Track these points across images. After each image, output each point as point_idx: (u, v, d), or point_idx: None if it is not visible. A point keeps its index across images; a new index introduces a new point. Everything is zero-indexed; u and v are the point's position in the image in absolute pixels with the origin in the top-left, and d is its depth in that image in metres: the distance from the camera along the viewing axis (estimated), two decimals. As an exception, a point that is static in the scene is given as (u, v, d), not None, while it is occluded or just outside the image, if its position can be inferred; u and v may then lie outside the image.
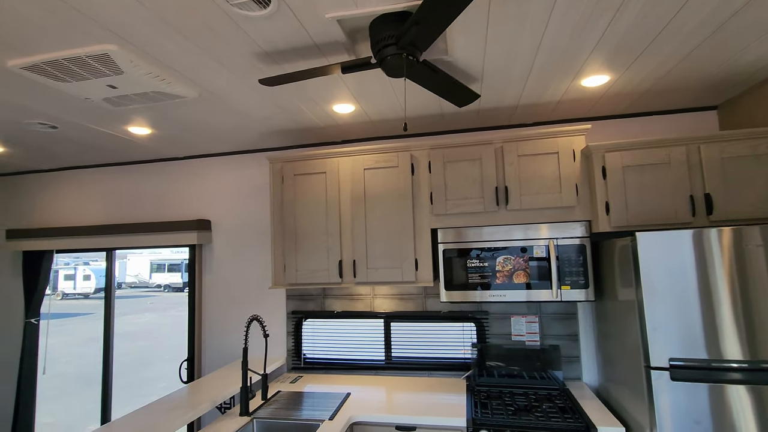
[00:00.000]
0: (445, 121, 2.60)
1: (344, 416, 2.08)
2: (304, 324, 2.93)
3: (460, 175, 2.33)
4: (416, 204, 2.41)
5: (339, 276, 2.46)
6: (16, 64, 1.64)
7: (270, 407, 2.23)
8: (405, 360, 2.75)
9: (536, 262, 2.19)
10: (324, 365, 2.86)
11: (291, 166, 2.58)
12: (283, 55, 1.69)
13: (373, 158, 2.46)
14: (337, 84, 2.01)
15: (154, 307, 16.92)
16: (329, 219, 2.49)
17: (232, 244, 3.10)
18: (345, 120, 2.52)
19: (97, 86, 1.87)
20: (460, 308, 2.66)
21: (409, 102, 2.27)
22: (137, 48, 1.58)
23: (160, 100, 2.05)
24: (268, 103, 2.19)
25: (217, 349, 3.06)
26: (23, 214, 3.58)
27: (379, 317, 2.80)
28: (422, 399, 2.25)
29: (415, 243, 2.38)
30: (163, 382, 7.41)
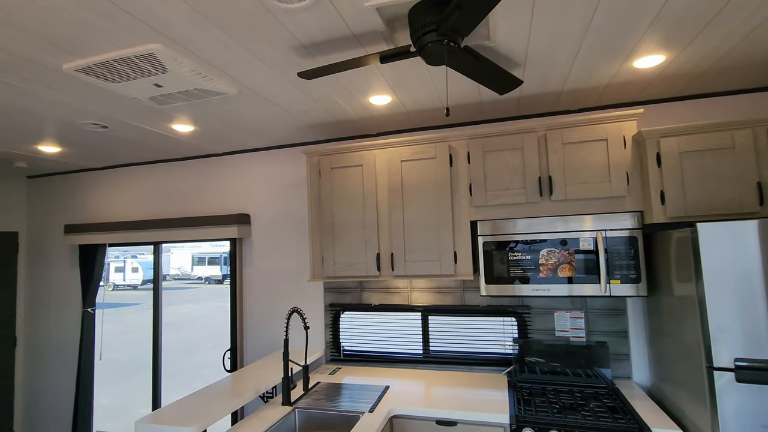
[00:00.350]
0: (484, 109, 2.52)
1: (384, 409, 2.08)
2: (341, 316, 2.95)
3: (501, 165, 2.25)
4: (455, 196, 2.36)
5: (377, 269, 2.45)
6: (71, 67, 1.72)
7: (310, 398, 2.27)
8: (443, 354, 2.72)
9: (583, 255, 2.09)
10: (362, 357, 2.87)
11: (327, 159, 2.58)
12: (321, 48, 1.68)
13: (410, 150, 2.42)
14: (373, 75, 1.98)
15: (196, 298, 17.69)
16: (366, 212, 2.49)
17: (271, 237, 3.16)
18: (381, 112, 2.49)
19: (144, 85, 1.93)
20: (500, 302, 2.60)
21: (444, 89, 2.21)
22: (181, 46, 1.61)
23: (201, 97, 2.10)
24: (304, 97, 2.20)
25: (258, 339, 3.14)
26: (78, 210, 3.80)
27: (416, 311, 2.77)
28: (462, 394, 2.22)
29: (453, 235, 2.33)
30: (206, 369, 7.75)
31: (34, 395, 3.82)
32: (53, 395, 3.74)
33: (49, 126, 2.51)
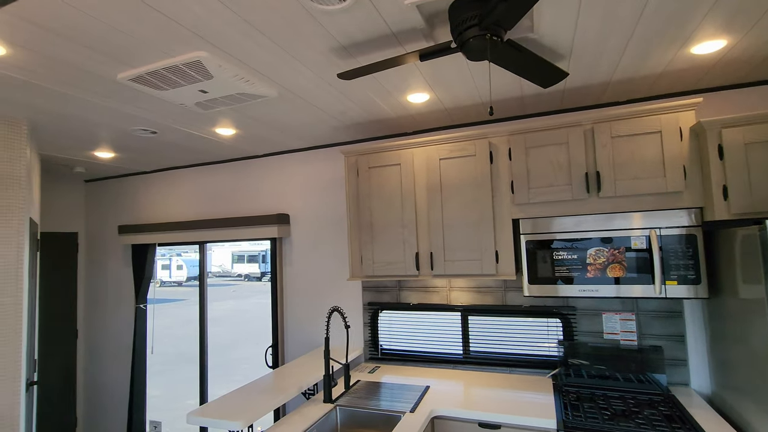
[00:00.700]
0: (525, 104, 2.44)
1: (425, 409, 2.06)
2: (380, 315, 2.96)
3: (544, 161, 2.17)
4: (496, 194, 2.30)
5: (416, 268, 2.43)
6: (125, 77, 1.81)
7: (351, 396, 2.28)
8: (484, 355, 2.67)
9: (635, 254, 1.99)
10: (401, 357, 2.87)
11: (365, 158, 2.59)
12: (360, 48, 1.68)
13: (448, 147, 2.39)
14: (412, 73, 1.96)
15: (236, 294, 18.34)
16: (405, 211, 2.47)
17: (310, 236, 3.21)
18: (418, 110, 2.47)
19: (190, 92, 2.00)
20: (543, 303, 2.51)
21: (485, 85, 2.16)
22: (225, 52, 1.65)
23: (243, 101, 2.15)
24: (342, 97, 2.21)
25: (298, 336, 3.20)
26: (131, 211, 4.02)
27: (456, 310, 2.74)
28: (505, 396, 2.16)
29: (495, 234, 2.28)
30: (247, 364, 8.01)
31: (94, 385, 4.09)
32: (111, 386, 3.98)
33: (104, 133, 2.66)
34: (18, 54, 1.60)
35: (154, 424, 3.92)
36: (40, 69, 1.73)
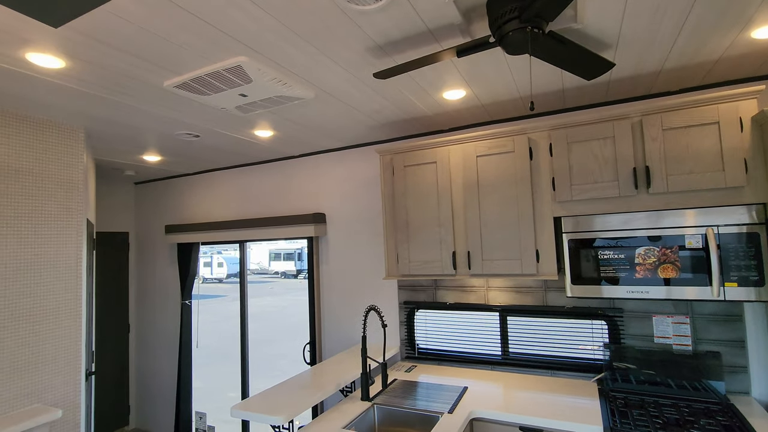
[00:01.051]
0: (567, 97, 2.35)
1: (464, 410, 2.03)
2: (416, 314, 2.95)
3: (588, 156, 2.08)
4: (536, 191, 2.22)
5: (453, 267, 2.40)
6: (170, 84, 1.89)
7: (388, 394, 2.29)
8: (524, 356, 2.60)
9: (689, 254, 1.87)
10: (437, 356, 2.84)
11: (400, 157, 2.58)
12: (396, 46, 1.67)
13: (486, 144, 2.33)
14: (448, 70, 1.93)
15: (274, 291, 18.85)
16: (441, 209, 2.44)
17: (346, 235, 3.24)
18: (454, 106, 2.43)
19: (231, 96, 2.06)
20: (587, 304, 2.42)
21: (523, 79, 2.09)
22: (264, 56, 1.69)
23: (281, 103, 2.20)
24: (377, 96, 2.21)
25: (334, 334, 3.25)
26: (176, 212, 4.21)
27: (494, 310, 2.68)
28: (547, 399, 2.10)
29: (535, 233, 2.21)
30: (285, 360, 8.21)
31: (144, 376, 4.32)
32: (160, 377, 4.20)
33: (151, 138, 2.80)
34: (76, 66, 1.70)
35: (199, 415, 4.10)
36: (95, 79, 1.84)
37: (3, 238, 2.10)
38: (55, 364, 2.27)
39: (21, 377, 2.13)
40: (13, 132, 2.17)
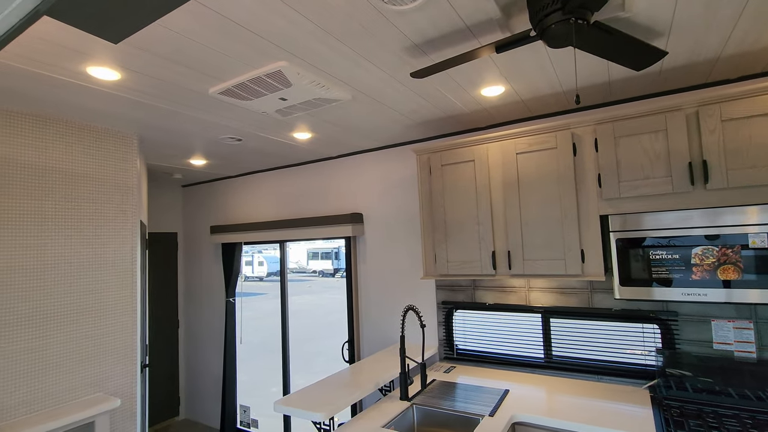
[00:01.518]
0: (613, 90, 2.24)
1: (505, 414, 1.99)
2: (454, 314, 2.91)
3: (638, 151, 1.98)
4: (580, 188, 2.14)
5: (492, 267, 2.35)
6: (215, 90, 1.97)
7: (427, 395, 2.28)
8: (568, 360, 2.51)
9: (753, 254, 1.73)
10: (476, 357, 2.80)
11: (438, 156, 2.56)
12: (433, 45, 1.65)
13: (526, 141, 2.27)
14: (486, 66, 1.89)
15: (312, 290, 19.24)
16: (480, 208, 2.40)
17: (383, 235, 3.25)
18: (492, 103, 2.38)
19: (271, 100, 2.12)
20: (637, 306, 2.29)
21: (566, 73, 2.01)
22: (303, 60, 1.73)
23: (319, 106, 2.24)
24: (414, 95, 2.20)
25: (372, 332, 3.27)
26: (221, 213, 4.40)
27: (536, 312, 2.60)
28: (594, 406, 2.01)
29: (580, 232, 2.12)
30: (323, 357, 8.37)
31: (193, 369, 4.54)
32: (206, 371, 4.40)
33: (197, 142, 2.93)
34: (130, 77, 1.81)
35: (243, 408, 4.26)
36: (147, 89, 1.95)
37: (68, 238, 2.27)
38: (114, 356, 2.43)
39: (85, 367, 2.29)
40: (75, 140, 2.34)
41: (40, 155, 2.18)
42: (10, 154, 2.08)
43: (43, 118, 2.21)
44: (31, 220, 2.13)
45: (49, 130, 2.23)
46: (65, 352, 2.22)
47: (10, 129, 2.08)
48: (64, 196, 2.27)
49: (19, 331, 2.06)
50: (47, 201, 2.20)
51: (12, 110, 2.09)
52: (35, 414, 2.06)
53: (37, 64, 1.65)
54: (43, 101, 2.04)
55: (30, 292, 2.10)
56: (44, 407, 2.12)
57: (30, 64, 1.65)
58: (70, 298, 2.26)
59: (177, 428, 4.37)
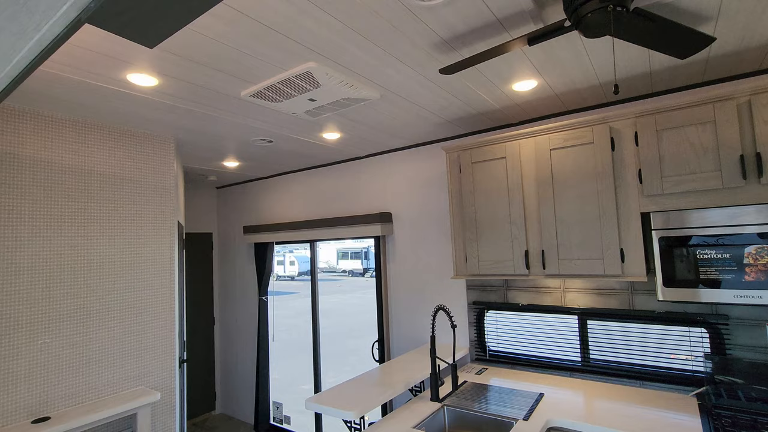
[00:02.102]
0: (655, 81, 2.12)
1: (540, 418, 1.92)
2: (486, 315, 2.86)
3: (683, 144, 1.86)
4: (619, 184, 2.04)
5: (525, 267, 2.28)
6: (247, 93, 2.01)
7: (458, 396, 2.24)
8: (607, 364, 2.40)
9: (815, 254, 1.59)
10: (509, 359, 2.73)
11: (468, 154, 2.51)
12: (462, 40, 1.62)
13: (560, 136, 2.19)
14: (518, 60, 1.83)
15: (342, 289, 19.44)
16: (512, 207, 2.34)
17: (412, 234, 3.23)
18: (524, 98, 2.31)
19: (301, 101, 2.15)
20: (683, 309, 2.17)
21: (604, 64, 1.93)
22: (331, 60, 1.73)
23: (347, 106, 2.24)
24: (443, 92, 2.17)
25: (402, 332, 3.26)
26: (253, 213, 4.50)
27: (572, 313, 2.51)
28: (636, 412, 1.91)
29: (619, 230, 2.03)
30: (354, 356, 8.42)
31: (227, 366, 4.68)
32: (241, 367, 4.52)
33: (230, 145, 3.01)
34: (167, 83, 1.88)
35: (276, 404, 4.34)
36: (183, 94, 2.01)
37: (111, 239, 2.38)
38: (154, 352, 2.53)
39: (127, 362, 2.40)
40: (117, 145, 2.45)
41: (84, 160, 2.30)
42: (56, 159, 2.20)
43: (86, 124, 2.32)
44: (77, 222, 2.25)
45: (92, 136, 2.34)
46: (108, 347, 2.33)
47: (55, 135, 2.21)
48: (107, 199, 2.38)
49: (65, 327, 2.17)
50: (92, 203, 2.31)
51: (57, 117, 2.21)
52: (80, 405, 2.18)
53: (82, 72, 1.73)
54: (86, 108, 2.14)
55: (76, 289, 2.22)
56: (88, 399, 2.23)
57: (75, 73, 1.74)
58: (113, 296, 2.37)
59: (213, 422, 4.51)
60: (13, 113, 2.06)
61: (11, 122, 2.04)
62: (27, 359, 2.02)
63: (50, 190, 2.16)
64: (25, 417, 2.00)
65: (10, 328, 1.98)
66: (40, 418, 2.00)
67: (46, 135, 2.16)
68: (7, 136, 2.03)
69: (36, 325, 2.06)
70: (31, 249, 2.07)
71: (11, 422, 1.96)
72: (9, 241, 2.00)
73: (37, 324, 2.06)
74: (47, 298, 2.11)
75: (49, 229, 2.14)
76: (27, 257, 2.05)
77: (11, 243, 2.01)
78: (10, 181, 2.02)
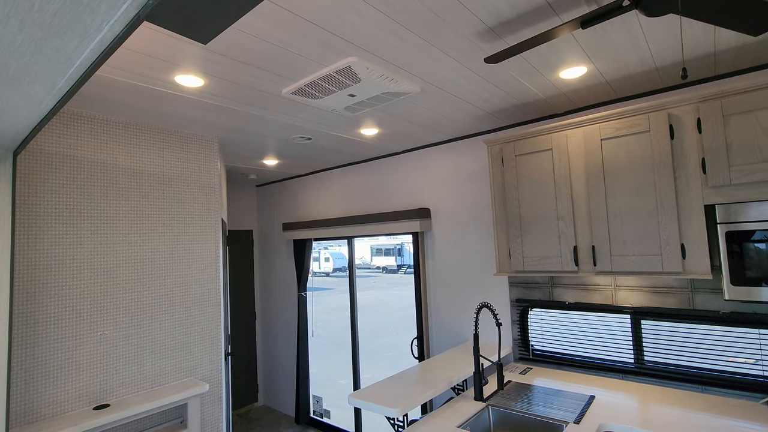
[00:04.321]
0: (719, 62, 1.96)
1: (592, 422, 1.83)
2: (530, 313, 2.76)
3: (754, 130, 1.71)
4: (679, 175, 1.90)
5: (574, 264, 2.18)
6: (287, 91, 2.03)
7: (503, 396, 2.17)
8: (664, 367, 2.26)
9: None
10: (555, 359, 2.62)
11: (511, 146, 2.42)
12: (508, 26, 1.55)
13: (612, 125, 2.07)
14: (566, 46, 1.74)
15: (376, 286, 19.53)
16: (559, 200, 2.24)
17: (451, 230, 3.17)
18: (572, 86, 2.20)
19: (341, 97, 2.14)
20: (753, 309, 2.00)
21: (662, 46, 1.79)
22: (372, 54, 1.71)
23: (387, 100, 2.22)
24: (485, 83, 2.10)
25: (441, 330, 3.21)
26: (292, 210, 4.58)
27: (624, 312, 2.37)
28: (700, 420, 1.78)
29: (679, 224, 1.89)
30: (391, 352, 8.44)
31: (269, 360, 4.80)
32: (282, 362, 4.63)
33: (270, 143, 3.06)
34: (211, 83, 1.92)
35: (316, 398, 4.41)
36: (227, 93, 2.06)
37: (162, 235, 2.48)
38: (202, 345, 2.62)
39: (177, 354, 2.50)
40: (165, 146, 2.55)
41: (135, 160, 2.41)
42: (111, 160, 2.31)
43: (137, 126, 2.43)
44: (130, 220, 2.36)
45: (142, 137, 2.45)
46: (159, 339, 2.43)
47: (110, 137, 2.32)
48: (157, 197, 2.48)
49: (120, 320, 2.29)
50: (143, 201, 2.42)
51: (111, 120, 2.32)
52: (136, 394, 2.29)
53: (132, 75, 1.80)
54: (137, 110, 2.24)
55: (130, 284, 2.33)
56: (143, 389, 2.34)
57: (126, 76, 1.81)
58: (163, 290, 2.47)
59: (256, 413, 4.65)
60: (72, 117, 2.18)
61: (71, 126, 2.17)
62: (88, 349, 2.15)
63: (106, 190, 2.27)
64: (87, 404, 2.12)
65: (74, 320, 2.11)
66: (100, 405, 2.12)
67: (102, 137, 2.28)
68: (68, 139, 2.15)
69: (95, 318, 2.18)
70: (90, 246, 2.19)
71: (75, 408, 2.09)
72: (71, 238, 2.13)
73: (96, 316, 2.18)
74: (104, 292, 2.22)
75: (105, 226, 2.25)
76: (86, 253, 2.17)
77: (73, 240, 2.13)
78: (71, 182, 2.15)
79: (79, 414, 2.03)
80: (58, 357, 2.05)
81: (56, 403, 2.03)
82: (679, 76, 2.13)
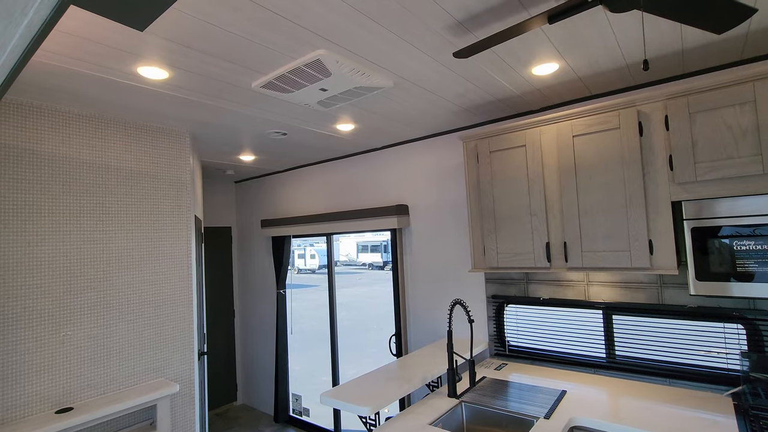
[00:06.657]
0: (687, 60, 1.98)
1: (562, 417, 1.85)
2: (505, 309, 2.77)
3: (719, 127, 1.73)
4: (647, 172, 1.92)
5: (547, 260, 2.19)
6: (257, 84, 1.98)
7: (476, 393, 2.18)
8: (634, 361, 2.29)
9: None
10: (530, 355, 2.65)
11: (486, 142, 2.42)
12: (477, 20, 1.54)
13: (584, 122, 2.08)
14: (537, 41, 1.73)
15: (362, 282, 19.52)
16: (532, 197, 2.24)
17: (429, 226, 3.17)
18: (546, 83, 2.20)
19: (312, 92, 2.10)
20: (717, 303, 2.04)
21: (631, 42, 1.80)
22: (341, 47, 1.68)
23: (360, 95, 2.18)
24: (459, 78, 2.08)
25: (420, 326, 3.21)
26: (270, 207, 4.52)
27: (596, 308, 2.40)
28: (665, 412, 1.81)
29: (648, 220, 1.91)
30: (374, 348, 8.44)
31: (248, 358, 4.74)
32: (261, 359, 4.57)
33: (245, 138, 3.00)
34: (177, 75, 1.86)
35: (295, 396, 4.38)
36: (194, 86, 2.00)
37: (129, 232, 2.41)
38: (173, 344, 2.56)
39: (147, 354, 2.43)
40: (133, 140, 2.47)
41: (100, 155, 2.32)
42: (74, 154, 2.22)
43: (103, 119, 2.34)
44: (95, 216, 2.28)
45: (108, 131, 2.36)
46: (127, 339, 2.36)
47: (73, 131, 2.23)
48: (125, 193, 2.40)
49: (85, 320, 2.21)
50: (109, 197, 2.34)
51: (74, 113, 2.24)
52: (102, 396, 2.22)
53: (93, 66, 1.73)
54: (101, 103, 2.16)
55: (95, 283, 2.25)
56: (109, 390, 2.27)
57: (87, 67, 1.74)
58: (131, 289, 2.40)
59: (235, 412, 4.59)
60: (31, 109, 2.09)
61: (30, 119, 2.08)
62: (50, 351, 2.07)
63: (69, 186, 2.19)
64: (49, 407, 2.05)
65: (34, 321, 2.03)
66: (63, 408, 2.05)
67: (64, 131, 2.19)
68: (27, 132, 2.06)
69: (58, 318, 2.10)
70: (51, 243, 2.11)
71: (36, 412, 2.01)
72: (30, 236, 2.04)
73: (58, 316, 2.11)
74: (68, 291, 2.15)
75: (68, 223, 2.17)
76: (48, 251, 2.09)
77: (33, 238, 2.05)
78: (30, 176, 2.06)
79: (40, 418, 1.96)
80: (17, 359, 1.97)
81: (15, 406, 1.95)
82: (648, 73, 2.15)
